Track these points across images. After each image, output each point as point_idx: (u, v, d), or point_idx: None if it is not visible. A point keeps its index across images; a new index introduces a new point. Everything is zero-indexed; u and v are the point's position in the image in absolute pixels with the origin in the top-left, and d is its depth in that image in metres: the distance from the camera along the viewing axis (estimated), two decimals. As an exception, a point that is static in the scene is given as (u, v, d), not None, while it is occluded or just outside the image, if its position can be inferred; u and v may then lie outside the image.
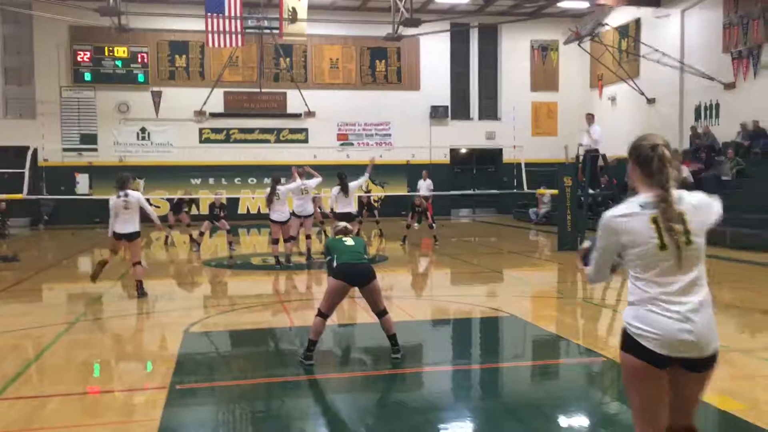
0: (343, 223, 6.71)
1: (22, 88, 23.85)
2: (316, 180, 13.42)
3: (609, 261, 3.01)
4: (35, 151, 15.78)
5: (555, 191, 15.56)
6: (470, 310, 8.91)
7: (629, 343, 2.83)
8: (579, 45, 22.47)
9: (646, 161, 2.88)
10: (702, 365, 2.82)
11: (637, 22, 22.73)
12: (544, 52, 27.35)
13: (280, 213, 12.63)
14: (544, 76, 27.46)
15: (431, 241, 16.44)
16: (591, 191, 16.36)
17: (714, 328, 2.81)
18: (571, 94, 26.93)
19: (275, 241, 12.81)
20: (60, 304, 10.15)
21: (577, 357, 6.74)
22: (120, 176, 9.71)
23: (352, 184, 12.87)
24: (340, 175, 12.74)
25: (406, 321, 8.20)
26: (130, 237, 9.51)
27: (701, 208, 2.87)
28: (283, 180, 13.05)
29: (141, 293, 9.53)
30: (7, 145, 20.28)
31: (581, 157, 15.82)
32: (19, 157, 17.21)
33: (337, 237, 6.42)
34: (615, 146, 14.53)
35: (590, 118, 16.06)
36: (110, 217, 9.50)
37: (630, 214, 2.85)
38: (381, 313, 6.24)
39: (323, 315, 6.12)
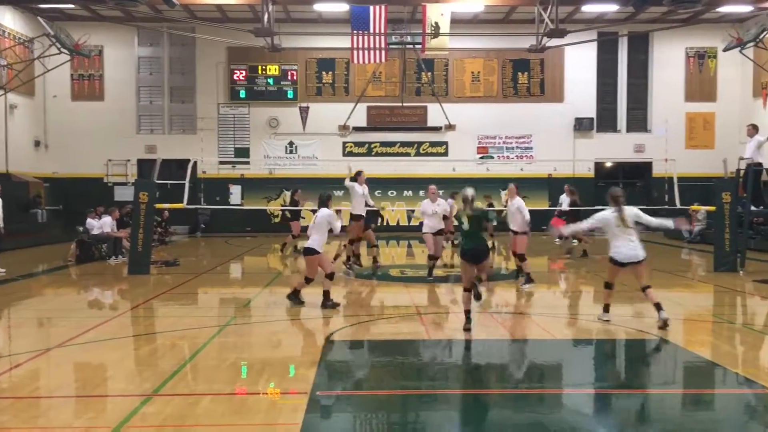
0: (470, 191, 8.38)
1: (184, 105, 25.90)
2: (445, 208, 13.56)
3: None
4: (195, 163, 16.96)
5: (711, 208, 14.51)
6: (614, 330, 8.50)
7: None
8: (740, 51, 20.89)
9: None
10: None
11: (809, 24, 20.78)
12: (700, 60, 25.75)
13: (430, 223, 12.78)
14: (700, 85, 25.83)
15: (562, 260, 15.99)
16: (753, 208, 15.11)
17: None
18: (731, 105, 25.14)
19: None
20: (213, 307, 10.83)
21: (735, 387, 6.23)
22: (321, 195, 10.13)
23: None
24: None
25: (545, 339, 7.96)
26: (307, 252, 9.71)
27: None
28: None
29: (330, 304, 9.67)
30: (170, 158, 21.97)
31: (742, 171, 14.67)
32: (181, 169, 18.62)
33: (463, 210, 8.27)
34: (781, 160, 13.52)
35: (752, 129, 14.91)
36: (309, 227, 9.87)
37: None
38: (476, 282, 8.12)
39: (465, 288, 8.09)
